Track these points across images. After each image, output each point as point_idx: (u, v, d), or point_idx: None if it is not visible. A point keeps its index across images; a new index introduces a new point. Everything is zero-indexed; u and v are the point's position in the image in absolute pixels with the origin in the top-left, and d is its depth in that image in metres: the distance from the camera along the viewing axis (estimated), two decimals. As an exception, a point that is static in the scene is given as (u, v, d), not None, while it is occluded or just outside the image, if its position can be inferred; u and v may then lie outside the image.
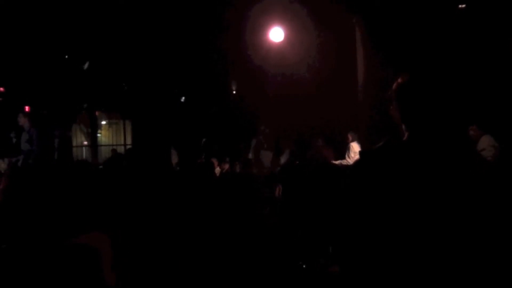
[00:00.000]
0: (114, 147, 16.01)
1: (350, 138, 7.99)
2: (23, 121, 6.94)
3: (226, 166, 7.53)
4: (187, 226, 3.52)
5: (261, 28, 7.61)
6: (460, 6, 6.81)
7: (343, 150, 8.15)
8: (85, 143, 18.30)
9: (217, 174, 7.15)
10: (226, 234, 3.58)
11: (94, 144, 16.84)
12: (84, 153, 18.45)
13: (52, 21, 8.55)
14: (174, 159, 9.32)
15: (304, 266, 3.33)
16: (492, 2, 6.75)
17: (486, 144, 6.55)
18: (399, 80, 1.59)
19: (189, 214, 3.67)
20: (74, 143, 17.52)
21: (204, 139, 10.36)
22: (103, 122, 19.16)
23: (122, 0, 7.80)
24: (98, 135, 17.98)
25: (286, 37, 7.59)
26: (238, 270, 3.33)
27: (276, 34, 7.58)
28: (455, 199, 1.45)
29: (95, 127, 17.08)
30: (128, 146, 16.52)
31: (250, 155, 8.80)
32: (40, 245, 1.72)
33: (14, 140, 7.13)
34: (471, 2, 6.76)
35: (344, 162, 7.96)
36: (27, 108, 10.10)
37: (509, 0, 6.60)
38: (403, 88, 1.57)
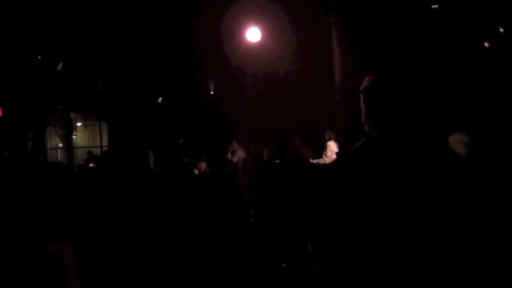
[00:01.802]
0: (90, 149, 15.76)
1: (327, 137, 8.06)
2: None
3: (203, 166, 7.48)
4: (167, 227, 3.49)
5: (238, 28, 7.61)
6: (433, 6, 6.95)
7: (321, 149, 8.22)
8: (60, 145, 17.96)
9: (196, 174, 7.10)
10: (206, 234, 3.57)
11: (69, 146, 16.53)
12: (59, 156, 18.11)
13: (25, 21, 8.36)
14: (150, 159, 9.21)
15: (283, 264, 3.35)
16: (464, 2, 6.91)
17: (455, 142, 6.67)
18: (365, 82, 1.63)
19: (169, 214, 3.64)
20: (48, 146, 17.17)
21: (182, 140, 10.29)
22: (79, 124, 18.84)
23: (96, 1, 7.68)
24: (74, 137, 17.66)
25: (263, 37, 7.60)
26: (218, 270, 3.32)
27: (253, 34, 7.58)
28: (429, 195, 1.48)
29: (70, 128, 16.76)
30: (105, 148, 16.27)
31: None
32: (7, 252, 1.73)
33: None
34: (444, 3, 6.90)
35: (321, 161, 8.03)
36: (-1, 111, 9.85)
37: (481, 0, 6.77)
38: (369, 90, 1.62)
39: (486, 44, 7.58)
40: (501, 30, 7.40)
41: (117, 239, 2.93)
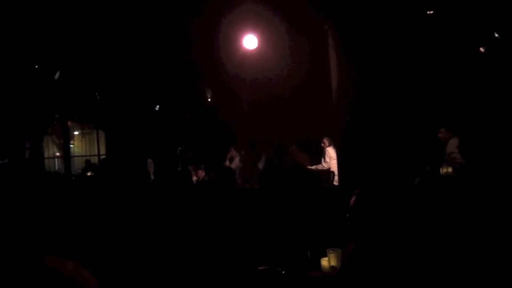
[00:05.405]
0: (88, 157, 15.72)
1: (326, 143, 8.06)
2: None
3: (202, 174, 7.49)
4: (166, 236, 3.48)
5: (235, 36, 7.63)
6: (428, 12, 6.99)
7: (318, 155, 8.22)
8: (58, 154, 17.91)
9: (194, 182, 7.10)
10: (205, 242, 3.56)
11: (66, 155, 16.49)
12: (57, 165, 18.05)
13: (21, 30, 8.37)
14: (151, 168, 9.23)
15: (283, 272, 3.33)
16: (459, 8, 6.96)
17: (454, 147, 6.70)
18: None
19: (167, 223, 3.63)
20: (46, 155, 17.13)
21: (180, 148, 10.28)
22: (76, 133, 18.80)
23: (93, 9, 7.69)
24: (71, 146, 17.62)
25: (260, 44, 7.63)
26: (217, 278, 3.31)
27: (250, 41, 7.60)
28: None
29: (68, 137, 16.73)
30: (102, 157, 16.24)
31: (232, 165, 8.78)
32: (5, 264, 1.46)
33: None
34: (439, 8, 6.94)
35: (319, 167, 8.03)
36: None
37: (476, 5, 6.82)
38: None
39: (482, 50, 7.63)
40: (496, 35, 7.45)
41: (115, 247, 2.91)
